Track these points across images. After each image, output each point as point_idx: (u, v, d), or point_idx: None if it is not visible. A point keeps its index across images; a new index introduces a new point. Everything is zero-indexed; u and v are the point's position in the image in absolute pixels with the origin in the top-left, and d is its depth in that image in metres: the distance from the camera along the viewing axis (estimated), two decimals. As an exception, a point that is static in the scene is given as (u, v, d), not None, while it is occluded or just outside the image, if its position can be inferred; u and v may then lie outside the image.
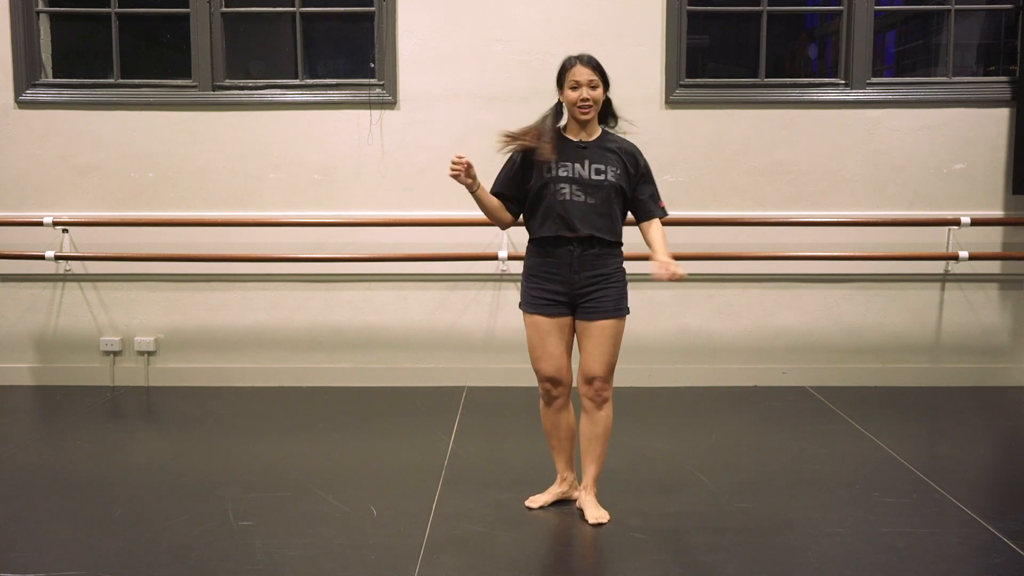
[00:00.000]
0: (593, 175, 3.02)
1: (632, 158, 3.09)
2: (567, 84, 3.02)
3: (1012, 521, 3.10)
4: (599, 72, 3.02)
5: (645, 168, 3.12)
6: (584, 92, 2.99)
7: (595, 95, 3.00)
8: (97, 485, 3.50)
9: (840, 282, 4.92)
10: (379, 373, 4.96)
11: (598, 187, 3.02)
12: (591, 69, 3.00)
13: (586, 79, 2.99)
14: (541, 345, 3.11)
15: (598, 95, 3.01)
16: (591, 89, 2.99)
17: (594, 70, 3.00)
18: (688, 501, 3.32)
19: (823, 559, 2.82)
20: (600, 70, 3.02)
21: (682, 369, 4.96)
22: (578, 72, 2.99)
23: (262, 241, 4.85)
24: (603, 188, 3.02)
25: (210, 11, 4.79)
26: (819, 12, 5.60)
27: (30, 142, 4.86)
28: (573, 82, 3.00)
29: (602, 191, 3.02)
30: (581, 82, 2.99)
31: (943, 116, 4.83)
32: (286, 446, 3.97)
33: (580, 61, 3.01)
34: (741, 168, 4.85)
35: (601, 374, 3.08)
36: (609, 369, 3.09)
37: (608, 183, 3.02)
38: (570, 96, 3.01)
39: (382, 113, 4.84)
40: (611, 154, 3.06)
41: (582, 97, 2.99)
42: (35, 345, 5.00)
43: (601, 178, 3.02)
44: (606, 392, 3.12)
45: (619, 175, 3.04)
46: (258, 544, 2.92)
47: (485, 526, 3.07)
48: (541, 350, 3.12)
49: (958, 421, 4.46)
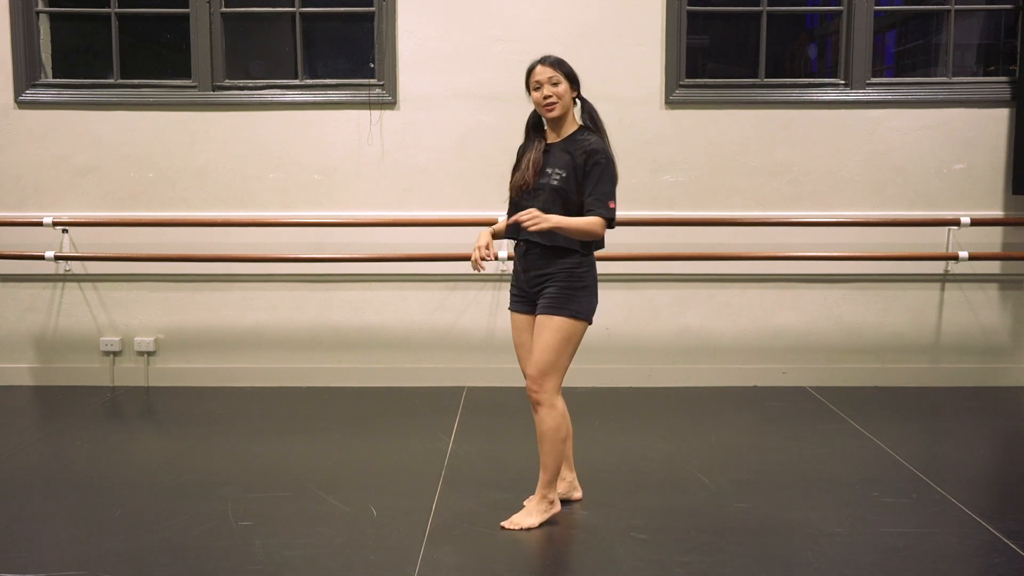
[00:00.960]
0: (541, 178, 3.02)
1: (584, 156, 2.98)
2: (531, 87, 3.05)
3: (1012, 521, 3.10)
4: (559, 68, 3.01)
5: (592, 166, 2.96)
6: (545, 90, 3.00)
7: (557, 91, 3.00)
8: (97, 485, 3.50)
9: (840, 282, 4.92)
10: (379, 373, 4.96)
11: (541, 189, 3.01)
12: (550, 67, 3.01)
13: (546, 77, 3.00)
14: (518, 343, 3.16)
15: (560, 91, 3.00)
16: (552, 86, 2.99)
17: (553, 67, 3.01)
18: (688, 501, 3.32)
19: (823, 559, 2.82)
20: (561, 67, 3.02)
21: (682, 369, 4.96)
22: (538, 72, 3.02)
23: (262, 241, 4.85)
24: (544, 190, 3.01)
25: (210, 11, 4.79)
26: (819, 12, 5.61)
27: (30, 142, 4.86)
28: (535, 83, 3.03)
29: (544, 192, 3.00)
30: (542, 81, 3.00)
31: (943, 116, 4.83)
32: (286, 446, 3.97)
33: (541, 62, 3.04)
34: (741, 168, 4.85)
35: (532, 372, 3.02)
36: (541, 368, 2.99)
37: (549, 186, 3.00)
38: (535, 97, 3.04)
39: (382, 113, 4.84)
40: (566, 155, 3.02)
41: (544, 95, 3.00)
42: (35, 345, 5.00)
43: (545, 181, 3.01)
44: (538, 394, 3.01)
45: (564, 178, 2.99)
46: (258, 544, 2.92)
47: (485, 526, 3.07)
48: (518, 348, 3.16)
49: (958, 421, 4.46)
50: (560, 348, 2.99)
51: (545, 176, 3.02)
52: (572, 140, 3.05)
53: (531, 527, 3.05)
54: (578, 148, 3.01)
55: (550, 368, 3.00)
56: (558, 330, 2.99)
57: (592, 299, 3.06)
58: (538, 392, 3.02)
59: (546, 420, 3.02)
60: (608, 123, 3.14)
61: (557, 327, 2.99)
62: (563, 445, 3.08)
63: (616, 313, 4.91)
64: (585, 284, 3.03)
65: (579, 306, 3.01)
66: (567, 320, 2.99)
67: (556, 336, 2.99)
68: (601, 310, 4.82)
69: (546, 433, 3.03)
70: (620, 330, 4.92)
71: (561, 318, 2.99)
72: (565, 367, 3.04)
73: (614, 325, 4.90)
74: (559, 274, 3.01)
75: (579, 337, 3.04)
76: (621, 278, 4.85)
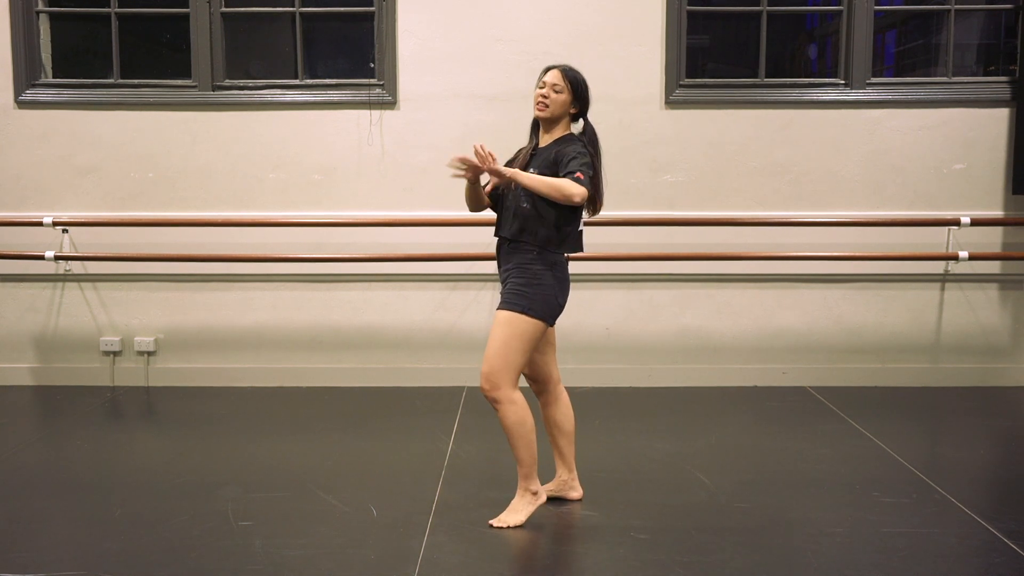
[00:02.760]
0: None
1: (561, 153, 3.00)
2: (537, 85, 3.11)
3: (1012, 521, 3.10)
4: (568, 80, 3.05)
5: (564, 154, 2.98)
6: (544, 91, 3.06)
7: (554, 97, 3.04)
8: (97, 485, 3.50)
9: (840, 282, 4.92)
10: (379, 373, 4.96)
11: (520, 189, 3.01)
12: (561, 74, 3.06)
13: (551, 80, 3.06)
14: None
15: (558, 98, 3.04)
16: (554, 91, 3.04)
17: (564, 76, 3.06)
18: (688, 501, 3.32)
19: (823, 559, 2.82)
20: (571, 79, 3.06)
21: (682, 369, 4.96)
22: (548, 74, 3.08)
23: (262, 241, 4.85)
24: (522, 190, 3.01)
25: (210, 11, 4.79)
26: (819, 12, 5.60)
27: (30, 142, 4.86)
28: (541, 82, 3.09)
29: (525, 192, 3.00)
30: (547, 82, 3.06)
31: (943, 116, 4.84)
32: (286, 446, 3.97)
33: (557, 67, 3.09)
34: (741, 168, 4.85)
35: (484, 369, 2.98)
36: (492, 365, 2.94)
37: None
38: (535, 94, 3.10)
39: (382, 113, 4.84)
40: (550, 155, 3.04)
41: (541, 94, 3.06)
42: (35, 345, 5.00)
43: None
44: (492, 391, 2.96)
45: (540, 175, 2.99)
46: (258, 544, 2.92)
47: (485, 526, 3.07)
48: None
49: (958, 421, 4.46)
50: (510, 344, 2.95)
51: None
52: (559, 142, 3.08)
53: (519, 524, 3.06)
54: (560, 148, 3.04)
55: (501, 365, 2.95)
56: (507, 324, 2.96)
57: (551, 299, 3.00)
58: (491, 390, 2.97)
59: (508, 416, 2.99)
60: (608, 123, 3.17)
61: (507, 321, 2.96)
62: (531, 436, 3.03)
63: (616, 313, 4.91)
64: (541, 282, 2.98)
65: (531, 303, 2.96)
66: (517, 315, 2.96)
67: (506, 331, 2.96)
68: (601, 310, 4.89)
69: (511, 428, 3.00)
70: (620, 330, 4.92)
71: (511, 313, 2.96)
72: (519, 364, 2.98)
73: (614, 325, 4.90)
74: (515, 270, 3.02)
75: (532, 335, 2.98)
76: (621, 278, 4.86)
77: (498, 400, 2.98)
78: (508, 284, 3.04)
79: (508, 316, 2.97)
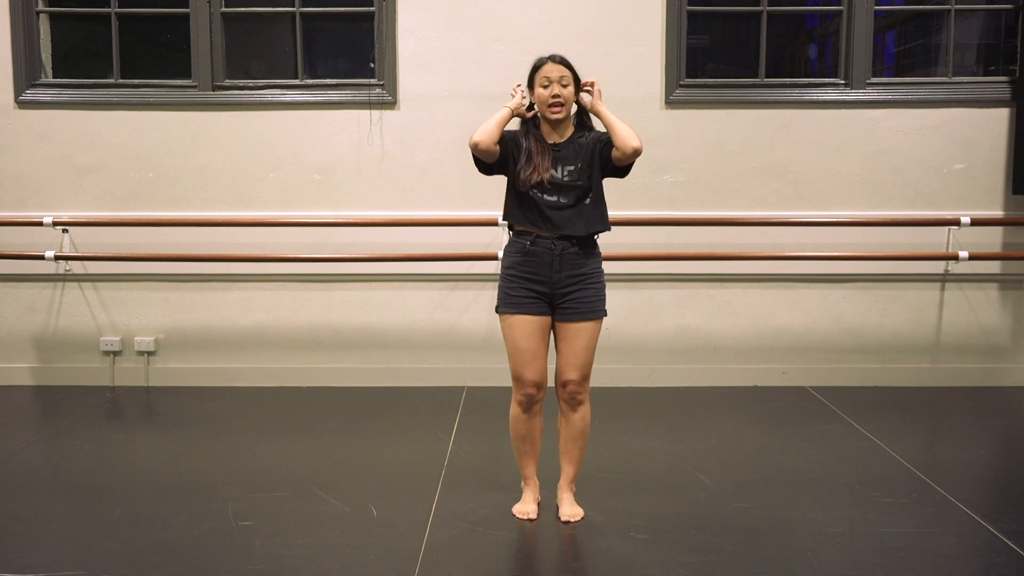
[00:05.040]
0: (565, 177, 2.98)
1: (596, 138, 3.02)
2: (538, 83, 2.97)
3: (1012, 521, 3.10)
4: (571, 69, 2.97)
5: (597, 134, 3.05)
6: (555, 89, 2.93)
7: (566, 93, 2.95)
8: (97, 485, 3.51)
9: (840, 282, 4.92)
10: (379, 373, 4.96)
11: (571, 188, 2.98)
12: (563, 66, 2.95)
13: (557, 75, 2.93)
14: (526, 348, 3.01)
15: (569, 93, 2.95)
16: (562, 87, 2.94)
17: (564, 66, 2.96)
18: (688, 501, 3.32)
19: (823, 559, 2.82)
20: (570, 66, 2.97)
21: (682, 369, 4.96)
22: (549, 69, 2.94)
23: (262, 241, 4.85)
24: (575, 188, 2.98)
25: (210, 11, 4.79)
26: (819, 12, 5.60)
27: (30, 142, 4.86)
28: (544, 79, 2.94)
29: (575, 191, 2.98)
30: (552, 79, 2.92)
31: (943, 116, 4.84)
32: (286, 446, 3.97)
33: (551, 59, 2.97)
34: (741, 168, 4.85)
35: (576, 378, 3.05)
36: (584, 373, 3.06)
37: (579, 184, 2.98)
38: (541, 95, 2.96)
39: (382, 113, 4.84)
40: (581, 148, 3.01)
41: (553, 94, 2.93)
42: (35, 345, 5.00)
43: (571, 179, 2.98)
44: (581, 395, 3.08)
45: (583, 170, 2.98)
46: (258, 544, 2.93)
47: (485, 526, 3.07)
48: (527, 354, 3.01)
49: (958, 421, 4.46)
50: (594, 348, 3.09)
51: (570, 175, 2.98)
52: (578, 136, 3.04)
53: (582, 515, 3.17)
54: (586, 139, 3.03)
55: (590, 370, 3.09)
56: (596, 333, 3.07)
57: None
58: (583, 393, 3.09)
59: (585, 419, 3.13)
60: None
61: (595, 331, 3.07)
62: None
63: (616, 313, 4.90)
64: (604, 281, 3.12)
65: (604, 304, 3.10)
66: (600, 322, 3.09)
67: (595, 339, 3.08)
68: (601, 310, 4.88)
69: (583, 431, 3.15)
70: (620, 330, 4.92)
71: (598, 322, 3.07)
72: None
73: (614, 325, 4.90)
74: (593, 275, 3.04)
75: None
76: (621, 278, 4.85)
77: (584, 403, 3.12)
78: (583, 292, 3.01)
79: (597, 325, 3.06)
